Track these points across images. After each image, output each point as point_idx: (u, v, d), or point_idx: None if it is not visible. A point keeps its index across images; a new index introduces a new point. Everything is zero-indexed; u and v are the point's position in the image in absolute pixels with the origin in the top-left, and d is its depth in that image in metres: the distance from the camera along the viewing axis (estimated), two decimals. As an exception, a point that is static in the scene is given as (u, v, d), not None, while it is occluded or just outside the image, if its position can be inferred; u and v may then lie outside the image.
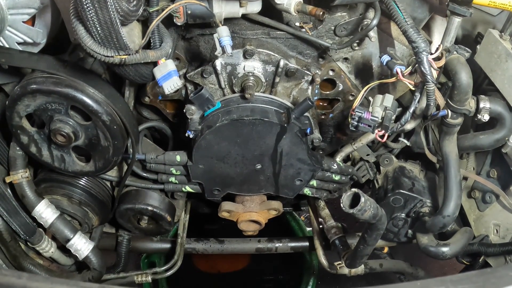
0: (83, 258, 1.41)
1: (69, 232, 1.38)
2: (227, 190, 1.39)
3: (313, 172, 1.33)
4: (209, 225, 2.09)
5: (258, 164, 1.29)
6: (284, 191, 1.39)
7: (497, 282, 0.68)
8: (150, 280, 1.63)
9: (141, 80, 1.07)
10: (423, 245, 1.37)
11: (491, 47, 1.21)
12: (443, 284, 0.68)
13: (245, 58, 1.20)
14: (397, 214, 1.42)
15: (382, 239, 1.49)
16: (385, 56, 1.12)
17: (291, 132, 1.21)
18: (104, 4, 0.86)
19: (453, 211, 1.26)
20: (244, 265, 2.39)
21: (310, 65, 1.27)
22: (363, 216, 1.03)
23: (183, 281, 2.12)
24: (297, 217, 2.33)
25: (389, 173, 1.51)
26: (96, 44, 0.93)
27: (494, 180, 1.38)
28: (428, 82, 1.05)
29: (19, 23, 1.09)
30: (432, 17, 1.35)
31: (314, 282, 2.14)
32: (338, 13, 1.21)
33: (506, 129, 1.23)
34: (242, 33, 1.22)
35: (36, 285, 0.63)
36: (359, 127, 1.11)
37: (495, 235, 1.39)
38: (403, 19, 1.03)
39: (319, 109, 1.41)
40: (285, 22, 1.22)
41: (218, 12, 1.09)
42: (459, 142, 1.28)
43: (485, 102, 1.19)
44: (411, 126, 1.37)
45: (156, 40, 1.03)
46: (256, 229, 1.58)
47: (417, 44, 1.02)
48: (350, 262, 1.40)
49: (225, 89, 1.26)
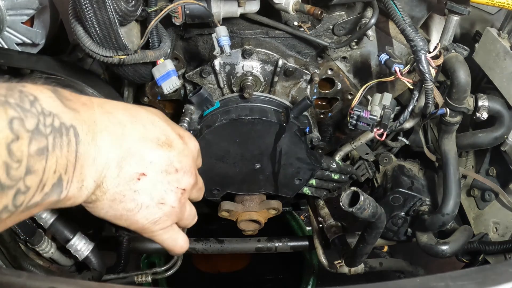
0: (83, 258, 1.41)
1: (68, 233, 1.37)
2: (227, 189, 1.39)
3: (312, 171, 1.34)
4: (208, 225, 2.09)
5: (257, 164, 1.29)
6: (284, 190, 1.39)
7: (496, 279, 0.68)
8: (150, 280, 1.63)
9: (140, 80, 1.07)
10: (423, 243, 1.37)
11: (489, 46, 1.21)
12: (442, 281, 0.68)
13: (244, 57, 1.20)
14: (397, 213, 1.42)
15: (381, 237, 1.49)
16: (383, 55, 1.12)
17: (290, 131, 1.21)
18: (103, 5, 0.86)
19: (453, 210, 1.26)
20: (244, 265, 2.39)
21: (308, 64, 1.27)
22: (363, 214, 1.04)
23: (183, 281, 2.12)
24: (296, 217, 2.33)
25: (388, 172, 1.52)
26: (95, 44, 0.93)
27: (493, 178, 1.38)
28: (427, 81, 1.05)
29: (18, 24, 1.09)
30: (430, 15, 1.35)
31: (314, 281, 2.14)
32: (336, 12, 1.21)
33: (504, 127, 1.23)
34: (240, 33, 1.22)
35: (35, 284, 0.63)
36: (358, 126, 1.11)
37: (494, 233, 1.39)
38: (401, 18, 1.04)
39: (318, 108, 1.41)
40: (283, 22, 1.22)
41: (217, 12, 1.09)
42: (458, 140, 1.29)
43: (483, 100, 1.19)
44: (410, 125, 1.37)
45: (155, 40, 1.03)
46: (256, 229, 1.58)
47: (415, 43, 1.02)
48: (350, 261, 1.41)
49: (224, 88, 1.26)
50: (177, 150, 0.71)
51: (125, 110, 0.67)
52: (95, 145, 0.59)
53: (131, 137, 0.65)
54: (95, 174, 0.61)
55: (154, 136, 0.68)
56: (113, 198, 0.64)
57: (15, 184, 0.48)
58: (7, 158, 0.46)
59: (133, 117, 0.67)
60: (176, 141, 0.72)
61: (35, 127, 0.49)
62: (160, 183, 0.69)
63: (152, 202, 0.68)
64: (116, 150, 0.62)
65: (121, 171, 0.63)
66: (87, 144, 0.58)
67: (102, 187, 0.63)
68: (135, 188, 0.66)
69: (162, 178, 0.69)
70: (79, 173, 0.58)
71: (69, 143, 0.55)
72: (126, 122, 0.65)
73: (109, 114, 0.63)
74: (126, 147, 0.64)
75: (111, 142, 0.62)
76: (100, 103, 0.63)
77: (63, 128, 0.54)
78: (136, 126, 0.66)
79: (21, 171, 0.48)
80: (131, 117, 0.66)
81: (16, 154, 0.47)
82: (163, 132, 0.70)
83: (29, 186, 0.50)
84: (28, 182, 0.49)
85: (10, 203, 0.48)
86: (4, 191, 0.47)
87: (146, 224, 0.70)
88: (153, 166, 0.67)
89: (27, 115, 0.49)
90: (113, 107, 0.65)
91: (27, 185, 0.49)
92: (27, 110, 0.49)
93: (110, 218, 0.68)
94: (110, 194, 0.64)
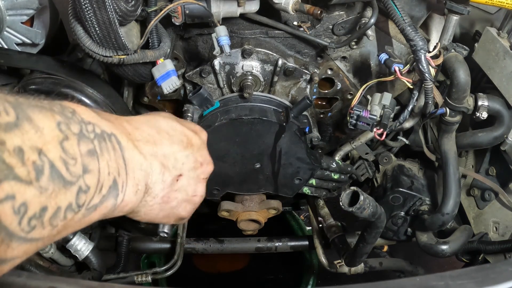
0: (83, 258, 1.41)
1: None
2: (227, 189, 1.39)
3: (312, 171, 1.34)
4: (208, 225, 2.09)
5: (257, 163, 1.30)
6: (284, 190, 1.39)
7: (496, 277, 0.68)
8: (150, 280, 1.63)
9: (140, 80, 1.07)
10: (423, 243, 1.37)
11: (489, 45, 1.21)
12: (442, 280, 0.68)
13: (244, 57, 1.20)
14: (396, 212, 1.42)
15: (381, 237, 1.49)
16: (383, 55, 1.12)
17: (289, 131, 1.21)
18: (103, 5, 0.86)
19: (452, 209, 1.26)
20: (244, 264, 2.39)
21: (308, 64, 1.27)
22: (362, 214, 1.04)
23: (183, 281, 2.11)
24: (296, 216, 2.33)
25: (388, 172, 1.52)
26: (95, 44, 0.93)
27: (493, 178, 1.38)
28: (426, 80, 1.05)
29: (17, 24, 1.09)
30: (430, 15, 1.35)
31: (314, 281, 2.14)
32: (336, 12, 1.21)
33: (504, 126, 1.23)
34: (240, 33, 1.22)
35: (35, 283, 0.63)
36: (357, 126, 1.11)
37: (494, 232, 1.40)
38: (401, 18, 1.04)
39: (317, 108, 1.41)
40: (283, 22, 1.22)
41: (216, 12, 1.09)
42: (457, 140, 1.29)
43: (483, 100, 1.19)
44: (410, 125, 1.37)
45: (155, 40, 1.03)
46: (256, 229, 1.58)
47: (415, 42, 1.02)
48: (350, 261, 1.41)
49: (224, 88, 1.26)
50: (196, 146, 0.80)
51: (149, 123, 0.73)
52: (138, 152, 0.65)
53: (162, 145, 0.72)
54: (145, 179, 0.66)
55: (179, 139, 0.77)
56: (162, 201, 0.73)
57: (76, 181, 0.50)
58: (63, 154, 0.48)
59: (157, 128, 0.74)
60: (195, 139, 0.80)
61: (80, 131, 0.52)
62: (192, 179, 0.78)
63: (188, 196, 0.79)
64: (155, 157, 0.69)
65: (164, 176, 0.71)
66: (131, 150, 0.63)
67: (152, 193, 0.69)
68: (175, 188, 0.75)
69: (192, 174, 0.78)
70: (132, 177, 0.62)
71: (114, 148, 0.58)
72: (153, 133, 0.72)
73: (138, 129, 0.69)
74: (162, 154, 0.71)
75: (149, 150, 0.68)
76: (127, 119, 0.69)
77: (105, 135, 0.57)
78: (162, 136, 0.73)
79: (79, 168, 0.50)
80: (155, 129, 0.74)
81: (70, 152, 0.49)
82: (183, 134, 0.78)
83: (89, 185, 0.52)
84: (88, 180, 0.52)
85: (73, 201, 0.50)
86: (67, 187, 0.48)
87: (186, 215, 0.82)
88: (185, 166, 0.76)
89: (71, 121, 0.52)
90: (138, 122, 0.72)
91: (87, 184, 0.52)
92: (69, 118, 0.52)
93: (160, 220, 0.78)
94: (159, 198, 0.72)
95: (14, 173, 0.42)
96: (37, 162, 0.44)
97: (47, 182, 0.45)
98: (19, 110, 0.45)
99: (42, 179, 0.45)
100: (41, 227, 0.46)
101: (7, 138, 0.42)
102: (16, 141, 0.43)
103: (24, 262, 1.45)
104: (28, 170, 0.43)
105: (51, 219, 0.47)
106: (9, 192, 0.41)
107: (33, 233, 0.45)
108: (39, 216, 0.45)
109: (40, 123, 0.46)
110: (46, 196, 0.45)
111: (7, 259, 0.44)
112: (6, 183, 0.41)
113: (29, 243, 0.46)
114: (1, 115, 0.42)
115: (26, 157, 0.43)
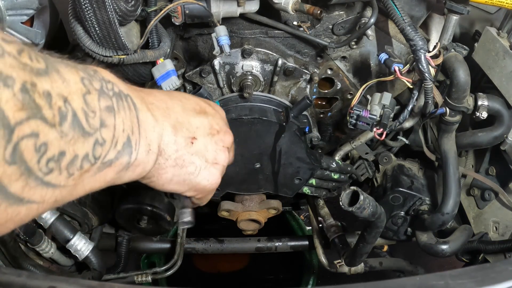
0: (83, 258, 1.41)
1: (68, 233, 1.38)
2: (226, 189, 1.39)
3: (312, 171, 1.34)
4: (208, 225, 2.09)
5: (257, 163, 1.30)
6: (283, 190, 1.39)
7: (496, 277, 0.68)
8: (150, 280, 1.63)
9: (140, 80, 1.07)
10: (423, 242, 1.38)
11: (489, 45, 1.21)
12: (442, 279, 0.68)
13: (243, 57, 1.20)
14: (396, 212, 1.42)
15: (381, 237, 1.49)
16: (383, 54, 1.12)
17: (289, 131, 1.21)
18: (102, 5, 0.86)
19: (452, 209, 1.26)
20: (244, 264, 2.39)
21: (308, 64, 1.27)
22: (362, 214, 1.04)
23: (183, 281, 2.11)
24: (296, 216, 2.33)
25: (388, 172, 1.52)
26: (95, 44, 0.93)
27: (493, 178, 1.38)
28: (426, 80, 1.05)
29: (17, 24, 1.09)
30: (430, 15, 1.35)
31: (314, 281, 2.14)
32: (336, 11, 1.21)
33: (504, 126, 1.23)
34: (240, 33, 1.22)
35: (35, 283, 0.63)
36: (357, 126, 1.11)
37: (494, 232, 1.40)
38: (401, 17, 1.04)
39: (317, 108, 1.41)
40: (283, 21, 1.22)
41: (216, 12, 1.09)
42: (457, 139, 1.29)
43: (483, 99, 1.19)
44: (410, 124, 1.37)
45: (155, 40, 1.03)
46: (256, 228, 1.58)
47: (415, 42, 1.02)
48: (350, 261, 1.41)
49: (224, 88, 1.26)
50: (211, 115, 0.81)
51: (162, 91, 0.77)
52: (151, 114, 0.67)
53: (175, 109, 0.74)
54: (158, 140, 0.67)
55: (192, 107, 0.78)
56: (175, 163, 0.72)
57: (94, 133, 0.52)
58: (84, 106, 0.51)
59: (169, 95, 0.77)
60: (209, 108, 0.82)
61: (100, 88, 0.55)
62: (210, 144, 0.78)
63: (208, 163, 0.78)
64: (168, 119, 0.71)
65: (177, 137, 0.72)
66: (144, 112, 0.65)
67: (165, 154, 0.70)
68: (191, 151, 0.74)
69: (210, 140, 0.78)
70: (144, 137, 0.64)
71: (130, 108, 0.61)
72: (166, 99, 0.74)
73: (150, 94, 0.72)
74: (174, 117, 0.72)
75: (162, 113, 0.70)
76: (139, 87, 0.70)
77: (122, 95, 0.60)
78: (174, 101, 0.75)
79: (97, 121, 0.53)
80: (168, 95, 0.77)
81: (91, 105, 0.52)
82: (197, 103, 0.81)
83: (105, 139, 0.55)
84: (104, 134, 0.54)
85: (90, 152, 0.52)
86: (85, 137, 0.51)
87: (208, 185, 0.80)
88: (200, 130, 0.77)
89: (93, 78, 0.55)
90: (151, 90, 0.74)
91: (104, 137, 0.54)
92: (91, 75, 0.55)
93: (174, 186, 0.75)
94: (172, 160, 0.71)
95: (42, 114, 0.45)
96: (62, 108, 0.47)
97: (68, 128, 0.48)
98: (48, 62, 0.48)
99: (65, 125, 0.48)
100: (58, 171, 0.48)
101: (38, 81, 0.45)
102: (45, 86, 0.46)
103: (24, 262, 1.44)
104: (53, 114, 0.46)
105: (68, 166, 0.49)
106: (34, 130, 0.44)
107: (50, 176, 0.47)
108: (57, 159, 0.47)
109: (66, 76, 0.50)
110: (66, 142, 0.48)
111: (24, 198, 0.45)
112: (33, 121, 0.44)
113: (46, 188, 0.47)
114: (33, 62, 0.45)
115: (54, 101, 0.46)
